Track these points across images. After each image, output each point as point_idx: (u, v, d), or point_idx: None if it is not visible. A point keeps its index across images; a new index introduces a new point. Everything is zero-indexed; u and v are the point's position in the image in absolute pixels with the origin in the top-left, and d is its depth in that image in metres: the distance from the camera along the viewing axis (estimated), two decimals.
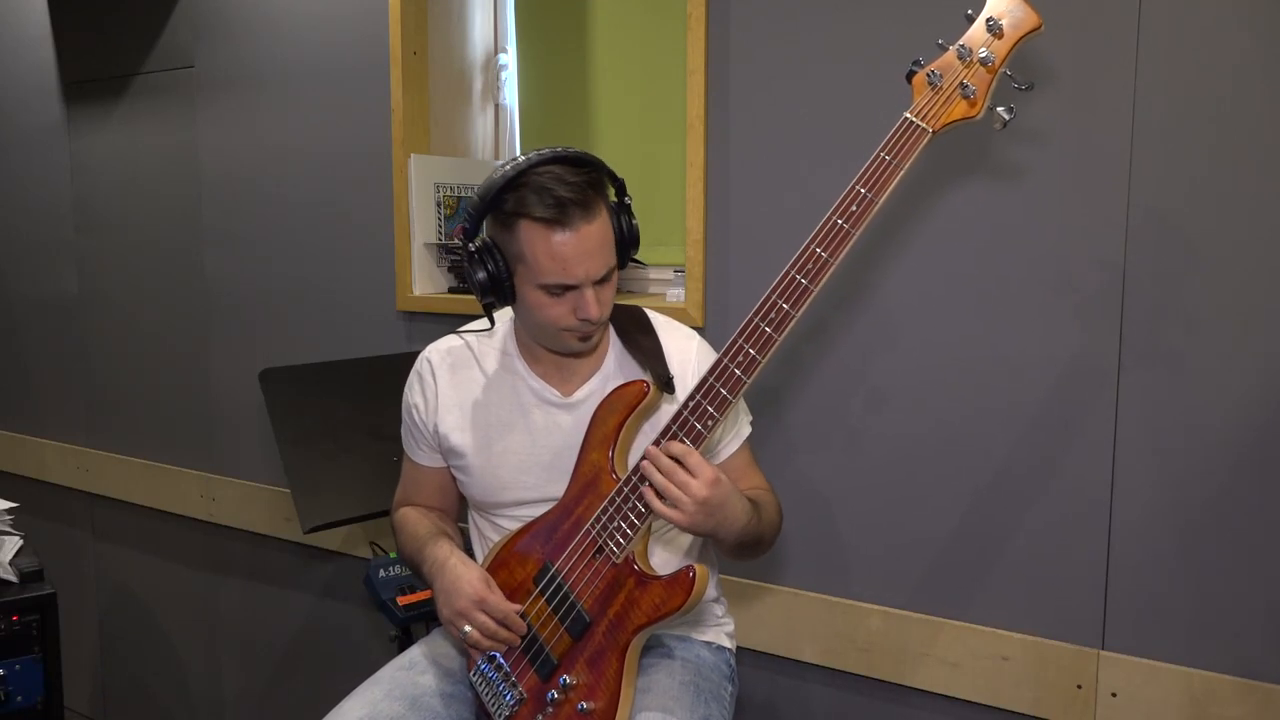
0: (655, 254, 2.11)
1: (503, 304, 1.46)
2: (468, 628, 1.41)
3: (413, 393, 1.59)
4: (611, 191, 1.43)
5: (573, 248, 1.35)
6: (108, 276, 3.05)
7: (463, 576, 1.43)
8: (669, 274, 2.13)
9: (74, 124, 3.06)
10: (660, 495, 1.32)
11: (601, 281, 1.40)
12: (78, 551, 3.25)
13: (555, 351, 1.51)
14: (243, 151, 2.64)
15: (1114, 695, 1.59)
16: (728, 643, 1.62)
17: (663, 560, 1.52)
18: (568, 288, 1.38)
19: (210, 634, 2.92)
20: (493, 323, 1.52)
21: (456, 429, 1.54)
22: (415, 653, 1.58)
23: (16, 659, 2.06)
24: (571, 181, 1.34)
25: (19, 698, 2.06)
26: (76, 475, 3.18)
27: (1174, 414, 1.53)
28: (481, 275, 1.41)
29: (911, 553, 1.77)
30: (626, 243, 1.44)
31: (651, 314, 1.59)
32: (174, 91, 2.76)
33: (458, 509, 1.67)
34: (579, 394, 1.52)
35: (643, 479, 1.34)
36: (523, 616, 1.44)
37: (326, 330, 2.52)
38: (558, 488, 1.47)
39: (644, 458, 1.34)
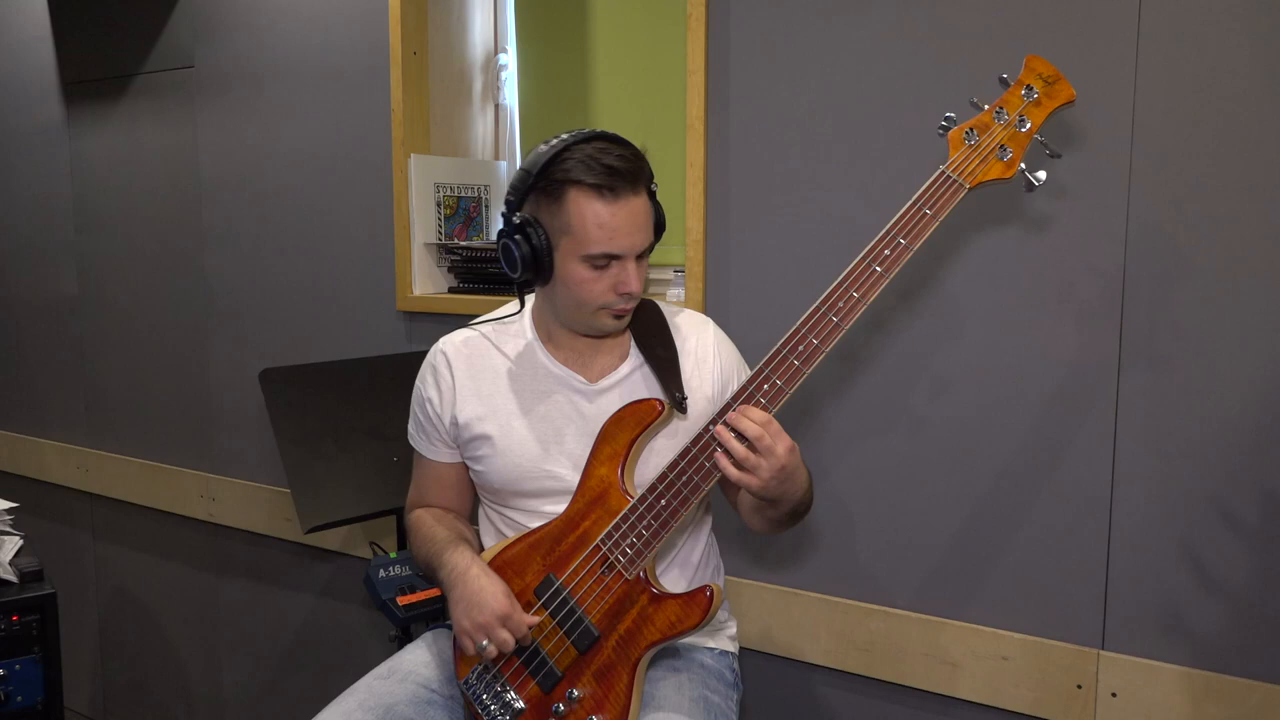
0: (655, 254, 2.09)
1: (539, 282, 1.45)
2: (485, 642, 1.38)
3: (426, 386, 1.56)
4: None
5: (622, 218, 1.37)
6: (108, 276, 3.05)
7: (486, 589, 1.40)
8: (669, 274, 2.13)
9: (74, 124, 3.06)
10: (735, 462, 1.31)
11: (640, 258, 1.42)
12: (78, 551, 3.25)
13: (585, 334, 1.50)
14: (243, 151, 2.64)
15: (1114, 695, 1.59)
16: (731, 646, 1.61)
17: (667, 571, 1.52)
18: (612, 259, 1.39)
19: (210, 634, 2.92)
20: (523, 304, 1.50)
21: (477, 416, 1.51)
22: (395, 661, 1.56)
23: (16, 659, 2.06)
24: (619, 154, 1.37)
25: (19, 698, 2.06)
26: (76, 475, 3.18)
27: (1173, 416, 1.53)
28: (525, 249, 1.40)
29: (912, 553, 1.77)
30: (655, 228, 1.46)
31: (663, 306, 1.59)
32: (174, 91, 2.76)
33: (471, 507, 1.64)
34: (604, 381, 1.51)
35: (703, 450, 1.34)
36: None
37: (326, 330, 2.52)
38: (578, 477, 1.46)
39: (714, 423, 1.33)
